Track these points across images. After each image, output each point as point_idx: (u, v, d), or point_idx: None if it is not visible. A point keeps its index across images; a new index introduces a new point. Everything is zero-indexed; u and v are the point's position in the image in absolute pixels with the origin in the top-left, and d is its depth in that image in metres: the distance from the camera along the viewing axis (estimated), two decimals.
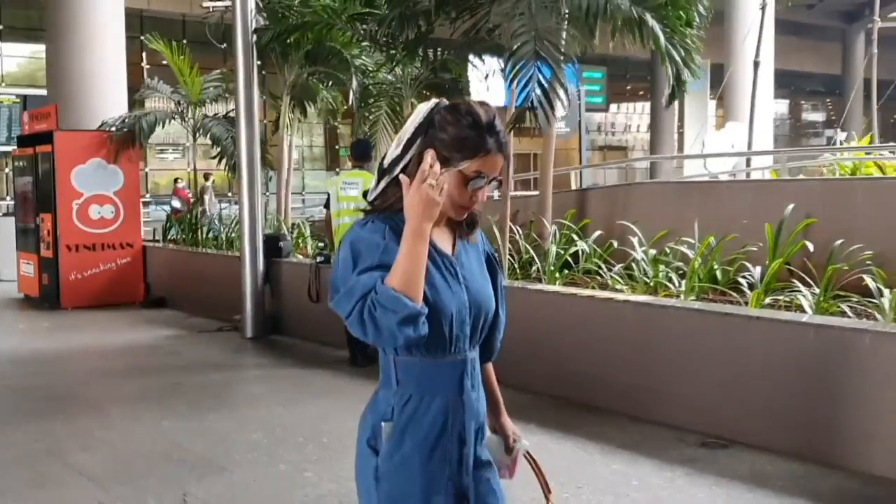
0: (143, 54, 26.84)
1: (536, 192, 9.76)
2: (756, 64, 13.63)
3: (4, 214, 16.61)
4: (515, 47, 6.93)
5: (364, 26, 8.44)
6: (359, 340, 7.77)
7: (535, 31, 6.85)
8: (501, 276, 2.27)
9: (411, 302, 1.88)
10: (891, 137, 32.82)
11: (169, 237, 12.71)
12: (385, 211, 2.05)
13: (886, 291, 5.54)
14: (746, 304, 6.01)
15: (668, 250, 7.46)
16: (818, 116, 50.31)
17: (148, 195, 22.57)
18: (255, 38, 8.94)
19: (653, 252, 7.33)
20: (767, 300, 6.08)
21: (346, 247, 2.00)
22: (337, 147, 33.57)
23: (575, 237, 8.43)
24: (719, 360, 5.47)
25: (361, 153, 7.57)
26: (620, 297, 6.25)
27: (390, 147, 2.08)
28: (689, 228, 7.29)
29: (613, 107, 43.25)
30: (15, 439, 5.60)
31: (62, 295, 11.31)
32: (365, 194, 2.14)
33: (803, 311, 5.76)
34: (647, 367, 5.85)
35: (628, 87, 45.32)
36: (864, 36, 31.47)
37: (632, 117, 46.84)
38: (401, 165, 2.01)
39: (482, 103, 2.08)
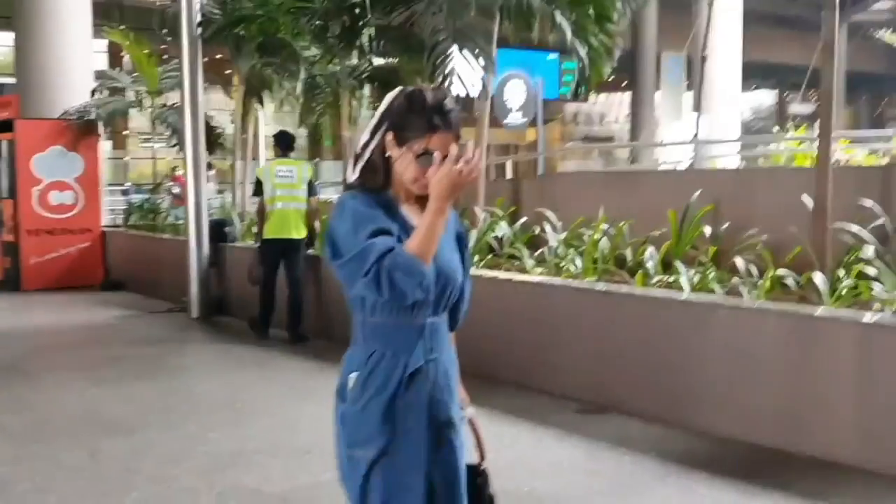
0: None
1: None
2: (703, 58, 14.06)
3: None
4: (435, 43, 7.35)
5: (301, 20, 8.84)
6: (270, 313, 8.17)
7: (454, 26, 7.25)
8: (468, 252, 2.46)
9: (427, 269, 2.12)
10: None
11: (130, 223, 13.11)
12: (362, 189, 2.27)
13: (755, 271, 6.02)
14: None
15: (584, 236, 7.91)
16: (806, 108, 50.79)
17: (128, 183, 22.91)
18: (199, 30, 9.33)
19: (564, 237, 7.76)
20: (655, 280, 6.54)
21: (345, 215, 2.20)
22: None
23: (503, 223, 8.87)
24: (599, 334, 5.94)
25: (287, 144, 8.14)
26: (518, 277, 6.72)
27: (363, 133, 2.31)
28: (608, 215, 7.73)
29: (594, 97, 43.57)
30: None
31: (22, 278, 11.73)
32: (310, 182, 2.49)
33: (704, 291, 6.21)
34: (538, 342, 6.32)
35: (610, 78, 45.65)
36: (847, 28, 31.96)
37: (614, 108, 47.20)
38: (369, 149, 2.25)
39: (435, 88, 2.31)
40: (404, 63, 9.96)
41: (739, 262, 6.09)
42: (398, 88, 2.30)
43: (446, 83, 7.26)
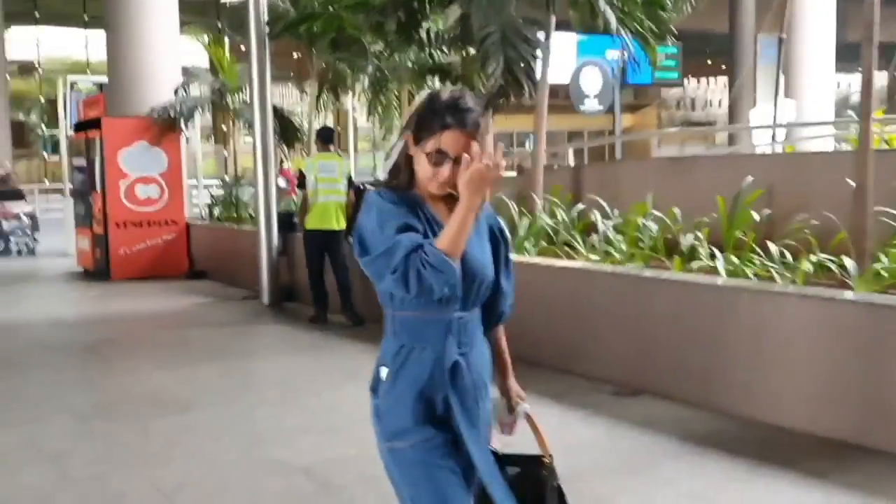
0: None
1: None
2: (780, 40, 13.82)
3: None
4: (483, 36, 7.51)
5: (359, 16, 9.12)
6: (324, 301, 8.50)
7: (500, 21, 7.40)
8: (506, 248, 2.45)
9: (455, 266, 2.14)
10: None
11: (215, 216, 13.69)
12: (389, 187, 2.31)
13: (788, 255, 6.02)
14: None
15: (640, 222, 7.98)
16: None
17: (226, 176, 23.70)
18: (267, 28, 9.72)
19: (614, 223, 7.85)
20: (696, 265, 6.59)
21: (371, 212, 2.23)
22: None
23: (560, 212, 8.99)
24: (634, 318, 6.04)
25: (327, 138, 8.48)
26: (559, 263, 6.86)
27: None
28: (664, 201, 7.78)
29: (693, 82, 42.97)
30: (28, 385, 6.55)
31: (112, 268, 12.39)
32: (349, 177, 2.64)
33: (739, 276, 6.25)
34: (578, 327, 6.46)
35: (709, 62, 44.85)
36: None
37: (715, 92, 46.27)
38: (396, 149, 2.33)
39: (455, 89, 2.34)
40: (463, 57, 10.14)
41: (773, 247, 6.10)
42: (428, 91, 2.48)
43: (496, 76, 7.38)
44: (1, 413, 5.81)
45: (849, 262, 5.62)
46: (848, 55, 25.25)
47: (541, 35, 8.04)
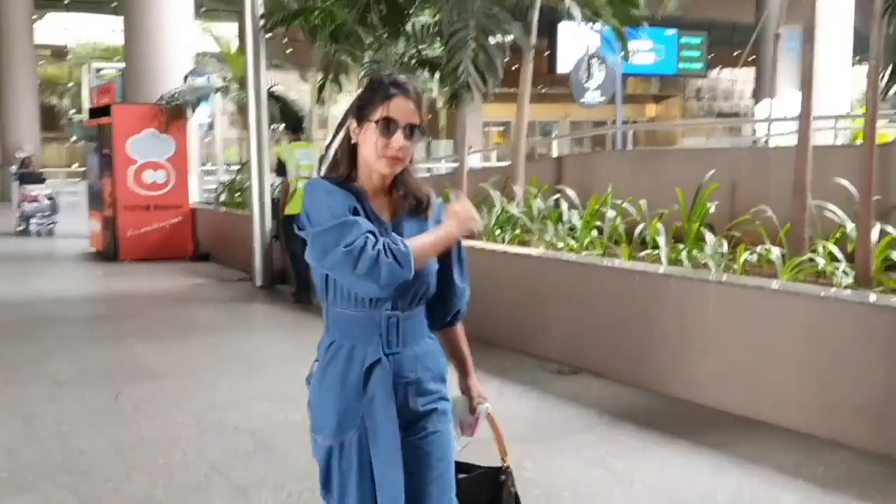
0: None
1: None
2: (776, 36, 14.03)
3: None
4: (451, 32, 7.87)
5: (345, 10, 9.52)
6: (306, 281, 8.93)
7: (468, 17, 7.75)
8: (458, 246, 2.42)
9: (410, 273, 2.16)
10: None
11: (220, 200, 14.18)
12: (333, 178, 2.30)
13: (725, 245, 6.38)
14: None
15: (603, 212, 8.34)
16: None
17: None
18: (262, 21, 10.16)
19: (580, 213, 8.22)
20: (643, 254, 6.96)
21: (318, 191, 2.25)
22: None
23: (536, 201, 9.35)
24: (579, 302, 6.42)
25: (297, 126, 8.95)
26: (514, 250, 7.25)
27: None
28: (636, 192, 8.13)
29: (715, 73, 42.92)
30: (16, 354, 7.06)
31: (120, 249, 12.94)
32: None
33: (678, 264, 6.61)
34: (530, 310, 6.84)
35: (735, 53, 44.68)
36: None
37: (740, 83, 46.13)
38: (333, 146, 2.33)
39: (390, 74, 2.39)
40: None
41: (709, 237, 6.45)
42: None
43: (461, 70, 7.72)
44: None
45: (776, 253, 5.96)
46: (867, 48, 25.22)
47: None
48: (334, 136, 2.35)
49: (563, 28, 21.25)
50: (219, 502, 4.06)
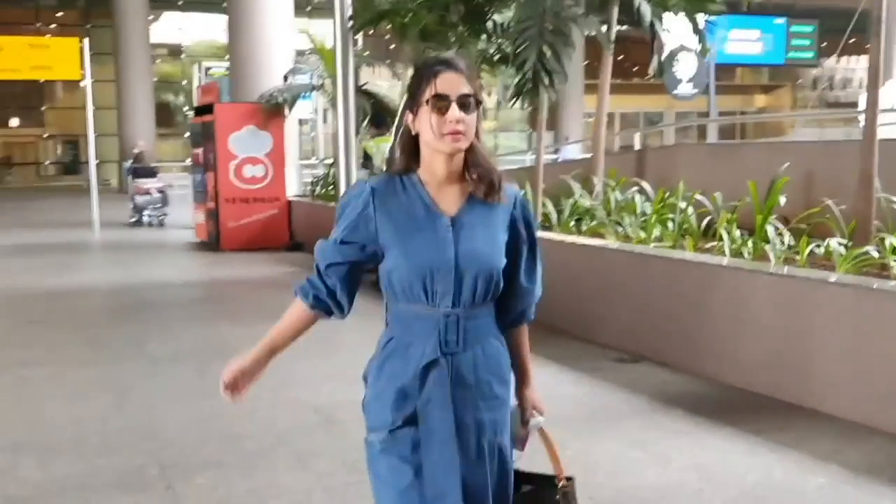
0: None
1: None
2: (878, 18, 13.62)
3: None
4: (520, 31, 8.07)
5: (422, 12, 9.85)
6: None
7: (540, 16, 7.94)
8: (530, 244, 2.30)
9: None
10: None
11: (315, 193, 14.77)
12: (389, 173, 2.28)
13: (787, 237, 6.44)
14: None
15: (681, 204, 8.45)
16: None
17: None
18: (350, 22, 10.59)
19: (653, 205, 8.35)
20: (709, 245, 7.07)
21: (343, 207, 2.27)
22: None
23: (615, 194, 9.51)
24: (639, 291, 6.60)
25: (380, 122, 9.29)
26: (582, 241, 7.45)
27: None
28: (713, 185, 8.21)
29: (832, 61, 41.72)
30: (117, 334, 7.67)
31: (221, 239, 13.65)
32: None
33: (740, 255, 6.72)
34: (595, 299, 7.06)
35: (851, 41, 43.30)
36: None
37: (854, 71, 44.64)
38: (397, 143, 2.31)
39: (435, 55, 2.33)
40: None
41: (770, 230, 6.52)
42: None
43: (527, 68, 7.87)
44: (87, 355, 6.91)
45: (834, 245, 6.01)
46: None
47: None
48: (396, 137, 2.50)
49: (668, 18, 21.28)
50: (281, 467, 4.45)
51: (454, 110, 2.10)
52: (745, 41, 38.00)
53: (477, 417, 2.18)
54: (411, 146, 2.21)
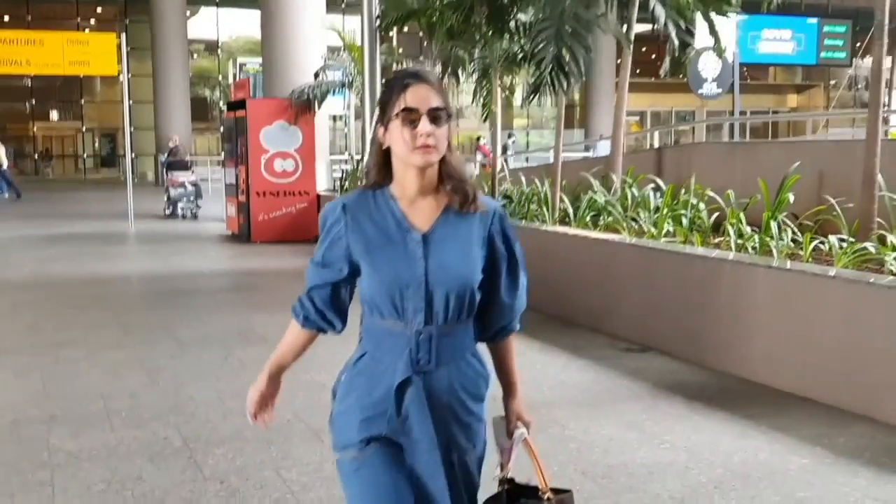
0: None
1: None
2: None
3: None
4: (538, 31, 8.30)
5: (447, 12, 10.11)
6: None
7: (558, 17, 8.17)
8: (509, 259, 2.25)
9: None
10: None
11: (345, 188, 15.09)
12: (363, 188, 2.24)
13: (793, 234, 6.64)
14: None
15: (692, 201, 8.66)
16: None
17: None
18: (378, 22, 10.90)
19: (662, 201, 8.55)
20: (717, 240, 7.28)
21: (322, 225, 2.28)
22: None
23: (632, 190, 9.72)
24: (647, 284, 6.83)
25: None
26: (592, 235, 7.69)
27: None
28: (727, 182, 8.40)
29: (867, 61, 41.45)
30: (149, 319, 8.04)
31: (252, 231, 14.03)
32: None
33: (746, 250, 6.93)
34: (605, 292, 7.30)
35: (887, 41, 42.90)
36: None
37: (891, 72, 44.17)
38: (368, 154, 2.30)
39: (404, 69, 2.38)
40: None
41: (774, 226, 6.72)
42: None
43: (543, 67, 8.09)
44: (121, 338, 7.28)
45: (834, 241, 6.21)
46: None
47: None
48: (370, 153, 2.25)
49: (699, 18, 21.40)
50: (296, 441, 4.76)
51: (425, 123, 2.07)
52: (777, 41, 38.03)
53: (448, 435, 2.16)
54: (383, 160, 2.18)
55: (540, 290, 7.92)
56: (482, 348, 2.30)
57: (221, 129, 23.01)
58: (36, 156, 43.89)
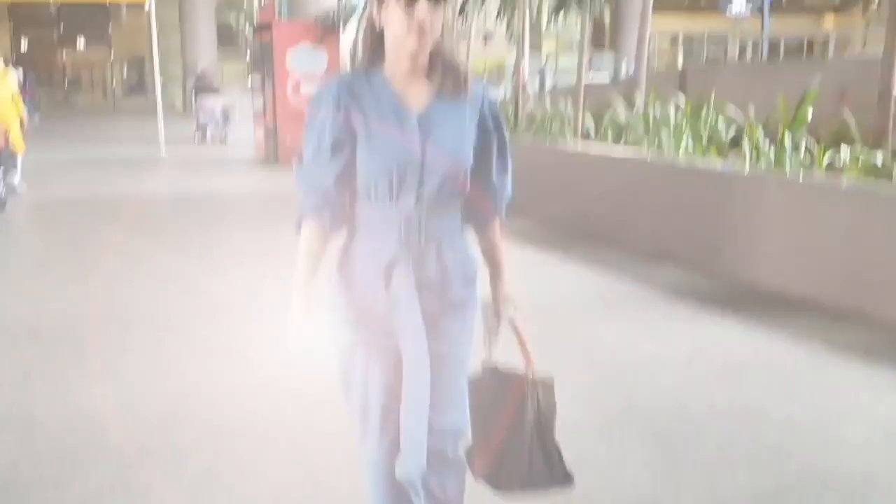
0: None
1: None
2: None
3: None
4: None
5: None
6: None
7: None
8: (499, 139, 2.25)
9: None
10: None
11: None
12: (354, 71, 2.21)
13: (803, 146, 6.78)
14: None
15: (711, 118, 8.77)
16: None
17: None
18: None
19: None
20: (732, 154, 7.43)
21: (312, 109, 2.20)
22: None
23: (654, 109, 9.83)
24: (663, 198, 7.01)
25: None
26: (612, 153, 7.85)
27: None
28: (752, 101, 8.47)
29: None
30: (173, 235, 8.37)
31: (279, 155, 14.26)
32: None
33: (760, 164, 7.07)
34: (624, 206, 7.47)
35: None
36: None
37: None
38: (359, 38, 2.23)
39: None
40: None
41: (788, 140, 6.85)
42: None
43: None
44: (152, 250, 7.62)
45: (844, 153, 6.34)
46: None
47: None
48: (357, 29, 2.50)
49: None
50: None
51: (422, 6, 2.04)
52: None
53: (439, 313, 2.20)
54: (375, 42, 2.15)
55: (557, 205, 8.18)
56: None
57: (248, 53, 23.06)
58: (66, 84, 44.24)
